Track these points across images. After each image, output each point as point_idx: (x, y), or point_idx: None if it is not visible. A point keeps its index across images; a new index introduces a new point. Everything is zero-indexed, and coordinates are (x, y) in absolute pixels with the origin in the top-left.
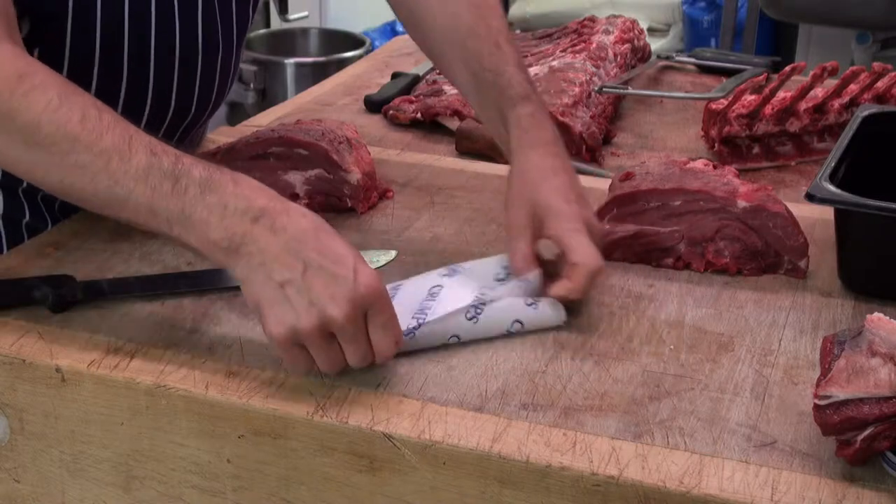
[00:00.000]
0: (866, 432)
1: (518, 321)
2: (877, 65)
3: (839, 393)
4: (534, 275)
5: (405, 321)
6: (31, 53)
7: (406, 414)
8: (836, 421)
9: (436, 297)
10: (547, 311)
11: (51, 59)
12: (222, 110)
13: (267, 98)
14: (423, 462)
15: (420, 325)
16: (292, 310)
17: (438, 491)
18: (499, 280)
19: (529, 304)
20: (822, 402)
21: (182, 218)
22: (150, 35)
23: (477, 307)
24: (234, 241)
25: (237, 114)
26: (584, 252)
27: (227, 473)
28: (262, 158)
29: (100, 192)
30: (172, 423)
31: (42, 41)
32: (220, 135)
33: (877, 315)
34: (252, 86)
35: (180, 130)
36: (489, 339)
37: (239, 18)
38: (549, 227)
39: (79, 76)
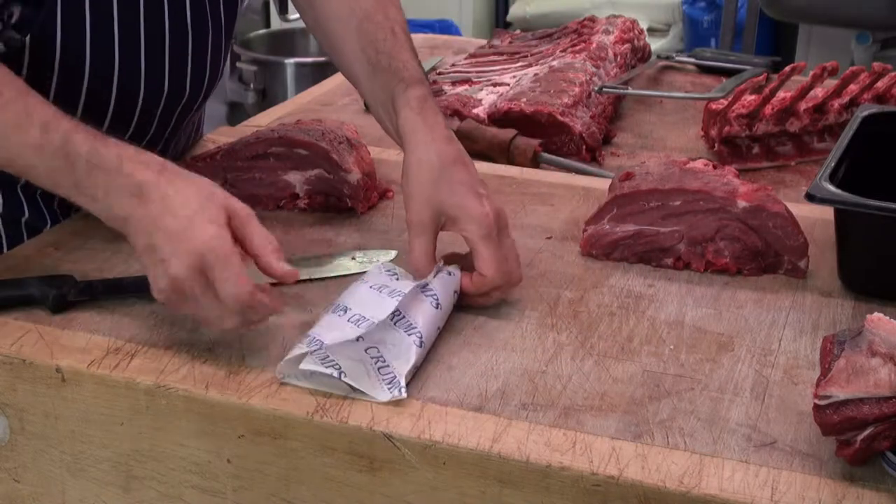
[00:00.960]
0: (866, 432)
1: (455, 291)
2: (877, 65)
3: (839, 393)
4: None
5: (406, 344)
6: (23, 39)
7: (406, 414)
8: (836, 421)
9: (401, 315)
10: (458, 274)
11: (42, 44)
12: (222, 110)
13: (267, 98)
14: (423, 462)
15: (422, 339)
16: (153, 270)
17: (438, 491)
18: (396, 280)
19: (450, 275)
20: (822, 402)
21: (77, 192)
22: (139, 17)
23: (434, 297)
24: (119, 218)
25: (237, 114)
26: (493, 266)
27: (227, 473)
28: (262, 158)
29: (5, 163)
30: (172, 423)
31: (32, 26)
32: (220, 135)
33: (877, 315)
34: (252, 86)
35: (176, 114)
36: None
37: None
38: (461, 228)
39: (72, 60)
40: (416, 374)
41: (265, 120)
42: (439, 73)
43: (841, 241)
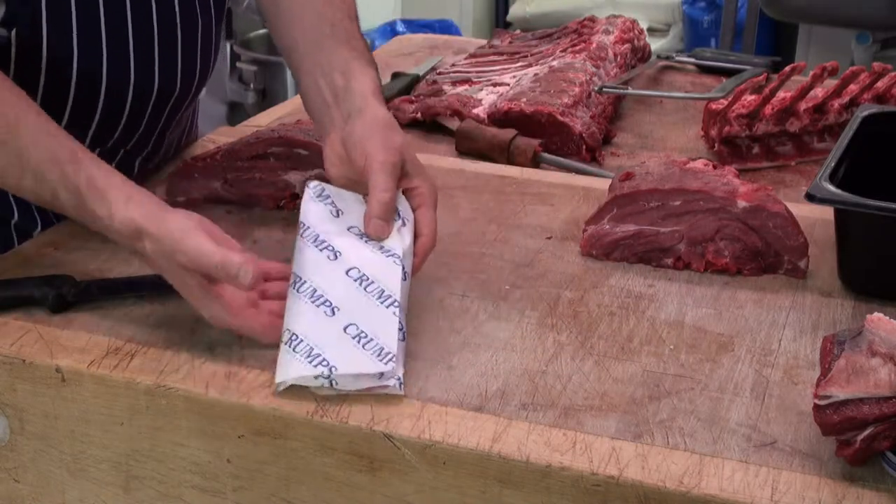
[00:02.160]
0: (866, 432)
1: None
2: (877, 65)
3: (839, 393)
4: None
5: (383, 317)
6: (9, 34)
7: (406, 414)
8: (835, 421)
9: (369, 280)
10: (410, 226)
11: (29, 41)
12: (222, 110)
13: (267, 98)
14: (423, 462)
15: (395, 310)
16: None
17: (438, 491)
18: (340, 217)
19: (400, 230)
20: (822, 402)
21: (99, 229)
22: (125, 12)
23: (403, 268)
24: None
25: (237, 114)
26: (432, 228)
27: (227, 473)
28: (262, 158)
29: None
30: (172, 423)
31: (18, 22)
32: (220, 135)
33: (877, 315)
34: (252, 86)
35: (168, 109)
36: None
37: None
38: (416, 184)
39: (59, 56)
40: (415, 374)
41: (265, 120)
42: (439, 73)
43: (841, 241)
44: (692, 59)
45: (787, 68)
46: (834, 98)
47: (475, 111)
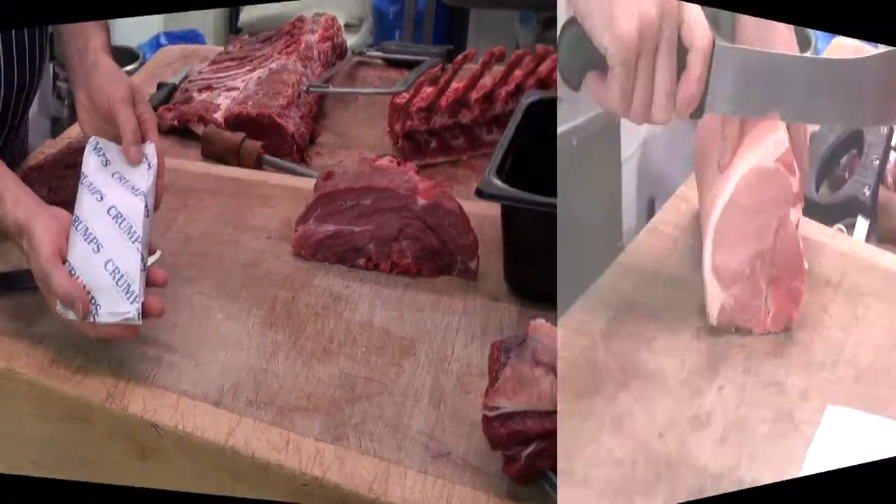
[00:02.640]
0: (530, 448)
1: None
2: (539, 47)
3: (507, 404)
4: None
5: (130, 252)
6: None
7: (167, 405)
8: (502, 434)
9: (123, 217)
10: (154, 170)
11: None
12: (47, 125)
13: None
14: (179, 452)
15: (139, 246)
16: None
17: (194, 480)
18: (108, 166)
19: (147, 171)
20: (491, 413)
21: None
22: None
23: (146, 205)
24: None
25: (57, 127)
26: (160, 149)
27: (48, 452)
28: (72, 168)
29: None
30: (15, 405)
31: None
32: (48, 147)
33: (539, 321)
34: (67, 101)
35: (22, 102)
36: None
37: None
38: (142, 110)
39: None
40: (172, 367)
41: (75, 131)
42: (189, 82)
43: (505, 240)
44: (380, 54)
45: (459, 57)
46: (501, 86)
47: (215, 116)
